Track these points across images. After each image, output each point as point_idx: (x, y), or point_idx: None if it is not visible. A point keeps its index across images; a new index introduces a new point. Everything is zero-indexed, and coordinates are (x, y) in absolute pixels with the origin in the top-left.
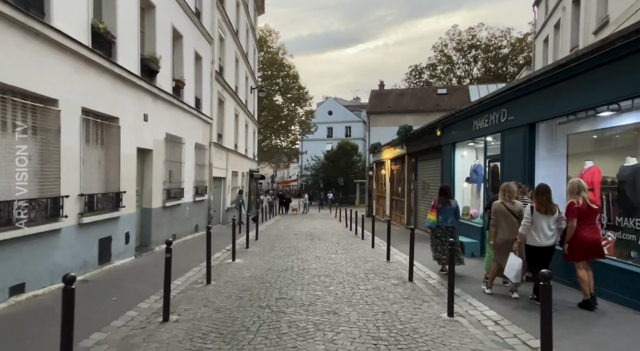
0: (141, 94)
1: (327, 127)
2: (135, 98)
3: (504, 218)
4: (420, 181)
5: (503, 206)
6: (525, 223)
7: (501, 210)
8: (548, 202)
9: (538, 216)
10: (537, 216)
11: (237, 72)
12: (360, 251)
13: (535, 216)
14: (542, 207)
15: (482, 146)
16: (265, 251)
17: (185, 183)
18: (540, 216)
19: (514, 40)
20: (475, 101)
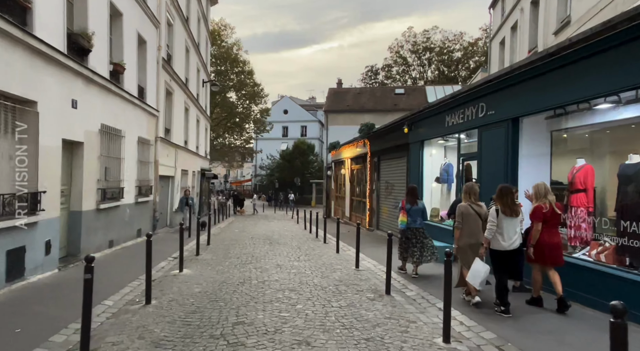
0: (69, 76)
1: (283, 126)
2: (60, 80)
3: (471, 220)
4: (383, 181)
5: (470, 208)
6: (490, 227)
7: (468, 212)
8: (512, 204)
9: (503, 219)
10: (502, 219)
11: (188, 62)
12: (325, 258)
13: (500, 219)
14: (507, 209)
15: (454, 143)
16: (218, 259)
17: (125, 182)
18: (505, 219)
19: (466, 44)
20: (449, 95)
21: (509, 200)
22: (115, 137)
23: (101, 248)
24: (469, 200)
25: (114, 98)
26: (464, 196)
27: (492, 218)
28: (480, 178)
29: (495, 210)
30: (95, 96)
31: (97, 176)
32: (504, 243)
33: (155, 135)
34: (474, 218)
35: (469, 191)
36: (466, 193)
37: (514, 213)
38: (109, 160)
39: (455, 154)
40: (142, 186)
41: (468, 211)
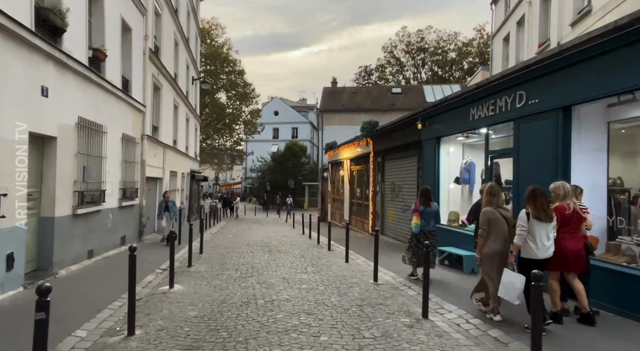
0: (37, 58)
1: (273, 128)
2: (26, 61)
3: (498, 226)
4: (388, 182)
5: (497, 212)
6: (521, 232)
7: (495, 217)
8: (547, 207)
9: (535, 224)
10: (533, 224)
11: (177, 57)
12: (335, 268)
13: (531, 224)
14: (540, 213)
15: (478, 140)
16: (214, 271)
17: (107, 184)
18: (537, 224)
19: (460, 44)
20: (473, 86)
21: (543, 203)
22: (96, 133)
23: (79, 259)
24: (494, 203)
25: (95, 89)
26: (488, 198)
27: (522, 223)
28: (517, 178)
29: (526, 214)
30: (71, 85)
31: (74, 176)
32: (537, 251)
33: (141, 133)
34: (500, 223)
35: (493, 193)
36: (490, 195)
37: (548, 218)
38: (88, 159)
39: (477, 152)
40: (127, 188)
41: (495, 216)
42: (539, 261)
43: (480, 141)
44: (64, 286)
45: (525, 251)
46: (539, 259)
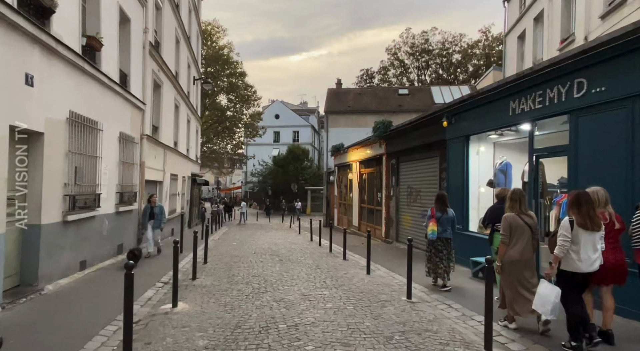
0: (21, 41)
1: (274, 131)
2: (6, 44)
3: (520, 232)
4: (404, 186)
5: (519, 218)
6: (563, 242)
7: (517, 224)
8: (593, 214)
9: (580, 233)
10: (578, 233)
11: (178, 55)
12: (357, 281)
13: (576, 233)
14: (587, 220)
15: (513, 138)
16: (222, 285)
17: (103, 187)
18: (583, 233)
19: (465, 45)
20: (513, 76)
21: (589, 209)
22: (90, 130)
23: (69, 271)
24: (516, 209)
25: (89, 81)
26: (510, 204)
27: (565, 231)
28: (575, 179)
29: (570, 222)
30: (61, 74)
31: (64, 178)
32: (580, 263)
33: (141, 132)
34: (523, 230)
35: (517, 198)
36: (513, 201)
37: (595, 226)
38: (81, 159)
39: (511, 152)
40: (125, 192)
41: (517, 222)
42: (582, 274)
43: (517, 139)
44: (50, 304)
45: (567, 262)
46: (582, 272)
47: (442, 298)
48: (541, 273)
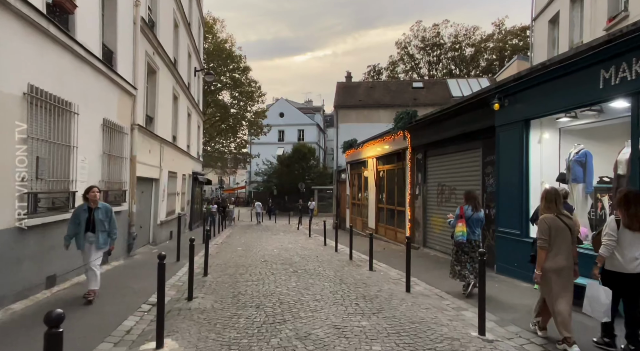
0: None
1: (279, 130)
2: None
3: (561, 236)
4: (433, 183)
5: (559, 220)
6: (609, 242)
7: (557, 226)
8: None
9: (626, 233)
10: (624, 233)
11: (177, 41)
12: (398, 303)
13: (622, 233)
14: (633, 221)
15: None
16: (225, 309)
17: (79, 184)
18: (629, 234)
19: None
20: (604, 37)
21: (638, 210)
22: (61, 112)
23: (29, 291)
24: (553, 209)
25: (59, 51)
26: (546, 204)
27: (611, 231)
28: None
29: (616, 221)
30: (16, 36)
31: (21, 172)
32: (625, 264)
33: (131, 121)
34: (563, 233)
35: (550, 198)
36: (549, 201)
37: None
38: (47, 147)
39: (584, 139)
40: (111, 190)
41: (556, 224)
42: (627, 275)
43: (598, 123)
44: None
45: (611, 262)
46: (627, 273)
47: (528, 335)
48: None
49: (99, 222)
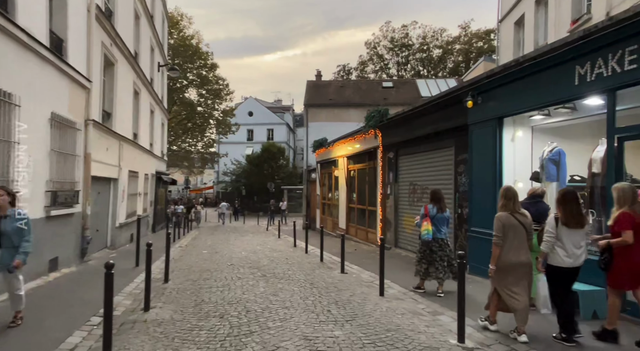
0: None
1: (247, 129)
2: None
3: (515, 233)
4: (405, 182)
5: (513, 218)
6: (548, 238)
7: (510, 223)
8: (578, 213)
9: (564, 230)
10: (563, 230)
11: (138, 33)
12: (372, 308)
13: (560, 230)
14: (572, 219)
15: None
16: (185, 320)
17: (23, 183)
18: (567, 230)
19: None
20: (580, 32)
21: (574, 209)
22: None
23: None
24: (510, 208)
25: None
26: (505, 202)
27: (550, 228)
28: None
29: (555, 219)
30: None
31: None
32: (566, 259)
33: (85, 116)
34: (517, 230)
35: (511, 196)
36: (507, 199)
37: (579, 224)
38: None
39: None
40: (61, 190)
41: (510, 222)
42: (566, 269)
43: (572, 120)
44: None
45: (554, 258)
46: (566, 267)
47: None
48: None
49: (5, 235)
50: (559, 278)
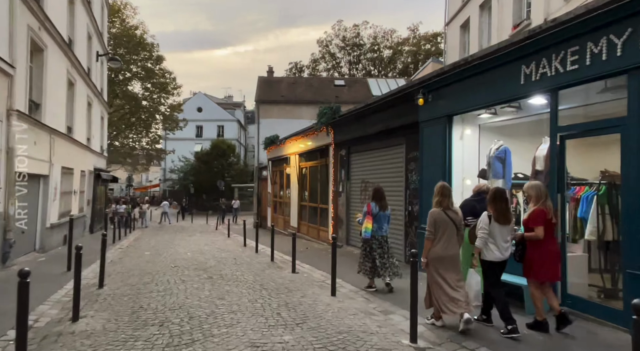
0: None
1: (196, 125)
2: None
3: (445, 229)
4: (357, 180)
5: (444, 214)
6: (482, 235)
7: (442, 219)
8: (507, 210)
9: (496, 227)
10: (495, 227)
11: (73, 19)
12: (324, 309)
13: (493, 227)
14: (501, 216)
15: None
16: (120, 330)
17: None
18: (498, 227)
19: (396, 41)
20: (525, 33)
21: (504, 206)
22: None
23: None
24: (444, 204)
25: None
26: (440, 199)
27: (484, 225)
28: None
29: (488, 216)
30: None
31: None
32: (498, 253)
33: (7, 106)
34: (447, 226)
35: (445, 194)
36: (443, 196)
37: (507, 221)
38: None
39: (500, 136)
40: None
41: (442, 218)
42: (496, 262)
43: (517, 119)
44: None
45: (488, 253)
46: (497, 261)
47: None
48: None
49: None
50: (494, 271)
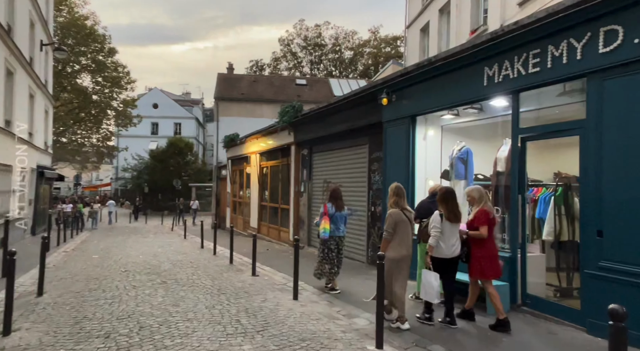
0: None
1: (152, 122)
2: None
3: (403, 228)
4: (319, 180)
5: (403, 214)
6: (435, 233)
7: (401, 219)
8: (456, 209)
9: (447, 225)
10: (446, 225)
11: (12, 3)
12: (285, 314)
13: (444, 225)
14: (452, 215)
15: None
16: (58, 345)
17: None
18: (449, 225)
19: (357, 43)
20: (487, 34)
21: (454, 205)
22: None
23: None
24: (401, 205)
25: None
26: (395, 199)
27: (436, 224)
28: (597, 167)
29: (440, 215)
30: None
31: None
32: (447, 251)
33: None
34: (405, 225)
35: (403, 194)
36: (399, 196)
37: (457, 220)
38: None
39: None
40: None
41: (401, 218)
42: (448, 260)
43: (479, 121)
44: None
45: (437, 250)
46: (447, 258)
47: None
48: None
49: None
50: (445, 268)
